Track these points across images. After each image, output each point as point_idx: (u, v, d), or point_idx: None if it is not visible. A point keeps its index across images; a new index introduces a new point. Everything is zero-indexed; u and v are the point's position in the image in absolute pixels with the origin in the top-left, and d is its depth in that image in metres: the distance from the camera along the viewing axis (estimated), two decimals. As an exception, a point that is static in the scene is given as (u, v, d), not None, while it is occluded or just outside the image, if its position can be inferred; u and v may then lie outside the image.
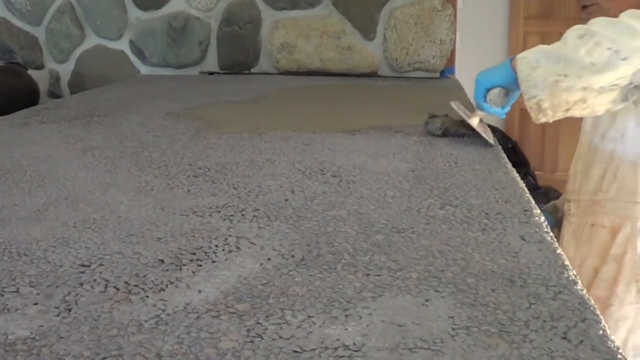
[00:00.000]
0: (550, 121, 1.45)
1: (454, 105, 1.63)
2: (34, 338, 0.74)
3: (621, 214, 1.61)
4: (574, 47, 1.38)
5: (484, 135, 1.59)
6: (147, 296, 0.83)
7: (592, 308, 0.78)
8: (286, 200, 1.20)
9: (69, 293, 0.85)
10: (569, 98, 1.39)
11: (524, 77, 1.42)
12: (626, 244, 1.60)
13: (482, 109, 1.57)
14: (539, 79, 1.40)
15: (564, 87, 1.38)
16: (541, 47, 1.47)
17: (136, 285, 0.87)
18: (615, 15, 1.52)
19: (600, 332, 0.72)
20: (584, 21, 1.68)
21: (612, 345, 0.70)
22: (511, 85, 1.50)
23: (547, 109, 1.41)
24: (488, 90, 1.54)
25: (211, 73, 3.20)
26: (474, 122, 1.59)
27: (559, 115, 1.43)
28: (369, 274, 0.88)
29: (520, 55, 1.47)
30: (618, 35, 1.36)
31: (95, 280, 0.88)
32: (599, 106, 1.41)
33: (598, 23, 1.41)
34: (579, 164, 1.78)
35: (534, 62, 1.42)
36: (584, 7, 1.68)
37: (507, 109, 1.57)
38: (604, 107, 1.42)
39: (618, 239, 1.62)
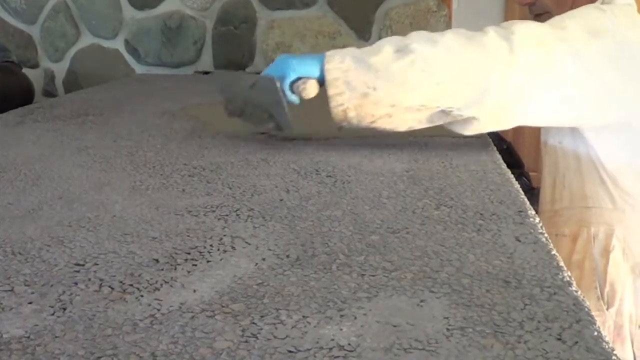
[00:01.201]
0: (353, 128, 1.43)
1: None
2: (28, 337, 0.73)
3: (577, 220, 1.56)
4: (388, 60, 1.34)
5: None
6: (142, 295, 0.83)
7: (586, 309, 0.78)
8: (281, 200, 1.20)
9: (64, 292, 0.85)
10: (376, 112, 1.37)
11: (332, 82, 1.38)
12: (584, 250, 1.56)
13: (283, 95, 1.48)
14: (348, 87, 1.36)
15: (372, 101, 1.35)
16: (352, 49, 1.42)
17: (131, 285, 0.86)
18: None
19: (595, 333, 0.73)
20: None
21: (606, 347, 0.70)
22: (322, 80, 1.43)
23: (352, 118, 1.39)
24: (298, 78, 1.46)
25: (206, 72, 3.20)
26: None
27: (364, 126, 1.41)
28: (364, 274, 0.88)
29: (329, 54, 1.42)
30: (435, 57, 1.33)
31: (90, 279, 0.88)
32: (403, 122, 1.39)
33: (418, 39, 1.36)
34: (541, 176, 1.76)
35: (344, 66, 1.38)
36: (536, 15, 1.63)
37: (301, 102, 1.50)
38: (408, 125, 1.40)
39: (577, 246, 1.59)
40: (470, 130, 1.40)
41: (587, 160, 1.52)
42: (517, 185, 1.28)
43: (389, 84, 1.33)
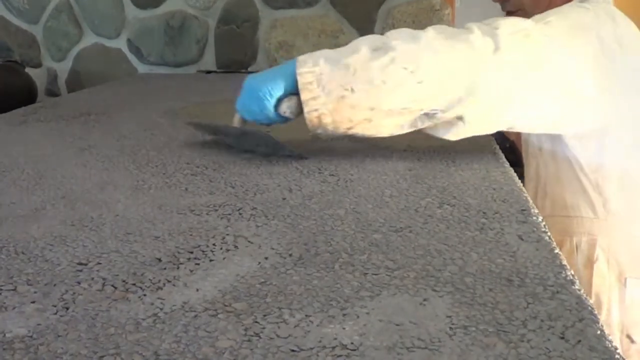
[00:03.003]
0: (329, 139, 1.37)
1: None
2: (31, 336, 0.74)
3: (560, 229, 1.50)
4: (366, 59, 1.26)
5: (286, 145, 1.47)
6: (145, 295, 0.83)
7: (589, 308, 0.78)
8: (284, 199, 1.20)
9: (67, 291, 0.85)
10: (354, 116, 1.29)
11: (305, 86, 1.29)
12: (569, 260, 1.53)
13: (268, 120, 1.40)
14: (323, 91, 1.28)
15: (349, 104, 1.27)
16: (327, 52, 1.34)
17: (134, 284, 0.86)
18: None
19: (598, 332, 0.73)
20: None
21: (609, 345, 0.70)
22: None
23: (327, 125, 1.31)
24: (280, 99, 1.36)
25: (209, 72, 3.20)
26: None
27: (340, 132, 1.33)
28: (366, 273, 0.88)
29: (301, 59, 1.33)
30: (417, 54, 1.25)
31: (92, 278, 0.88)
32: (384, 128, 1.31)
33: (398, 36, 1.29)
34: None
35: (317, 69, 1.29)
36: (509, 12, 1.58)
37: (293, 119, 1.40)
38: (389, 130, 1.32)
39: (561, 256, 1.56)
40: (454, 135, 1.33)
41: (568, 168, 1.48)
42: (520, 184, 1.27)
43: (367, 84, 1.25)
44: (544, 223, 1.06)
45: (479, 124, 1.31)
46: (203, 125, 1.70)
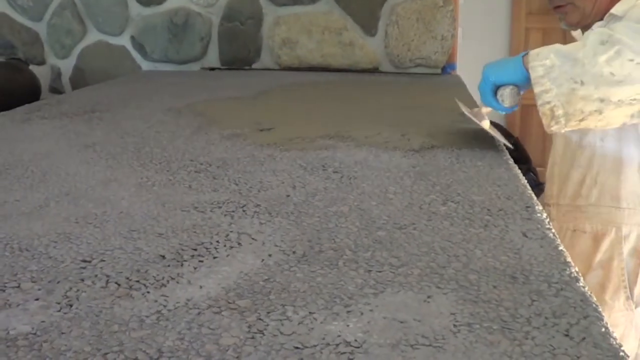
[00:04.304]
0: (562, 131, 1.39)
1: (462, 107, 1.57)
2: (35, 333, 0.74)
3: (603, 219, 1.56)
4: (593, 52, 1.31)
5: (497, 136, 1.55)
6: (149, 292, 0.83)
7: (594, 305, 0.78)
8: (287, 196, 1.20)
9: (70, 288, 0.85)
10: (585, 108, 1.32)
11: (537, 80, 1.35)
12: (612, 250, 1.55)
13: (491, 105, 1.49)
14: (554, 83, 1.33)
15: (580, 96, 1.31)
16: (557, 46, 1.39)
17: (137, 281, 0.86)
18: (590, 14, 1.48)
19: (603, 329, 0.72)
20: (560, 21, 1.64)
21: (614, 343, 0.69)
22: (524, 84, 1.42)
23: (560, 117, 1.35)
24: (498, 86, 1.46)
25: (212, 69, 3.20)
26: (486, 124, 1.54)
27: (573, 125, 1.37)
28: (370, 270, 0.88)
29: (533, 52, 1.38)
30: None
31: (96, 275, 0.88)
32: (614, 119, 1.35)
33: (623, 29, 1.32)
34: (555, 169, 1.73)
35: (548, 63, 1.34)
36: (557, 7, 1.60)
37: (516, 107, 1.48)
38: (620, 121, 1.36)
39: (603, 246, 1.57)
40: None
41: (631, 163, 1.53)
42: (524, 181, 1.27)
43: (597, 77, 1.30)
44: (548, 220, 1.06)
45: None
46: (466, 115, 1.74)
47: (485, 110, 1.54)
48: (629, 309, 1.53)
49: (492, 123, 1.66)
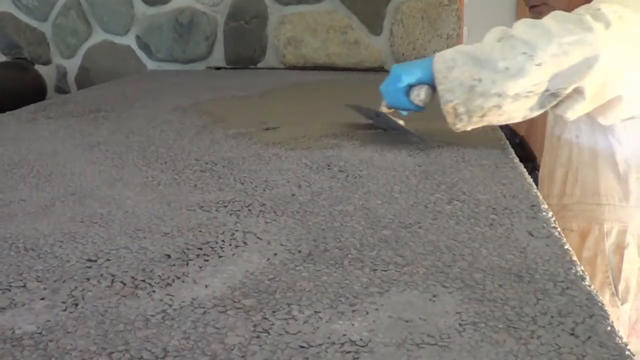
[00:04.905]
0: (468, 129, 1.40)
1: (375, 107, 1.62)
2: (40, 333, 0.74)
3: (587, 216, 1.54)
4: (490, 49, 1.34)
5: (412, 131, 1.59)
6: (154, 291, 0.83)
7: (599, 304, 0.78)
8: (293, 195, 1.20)
9: (76, 288, 0.85)
10: (484, 104, 1.33)
11: (440, 79, 1.37)
12: (596, 247, 1.54)
13: (402, 105, 1.51)
14: (455, 82, 1.35)
15: (479, 92, 1.33)
16: (459, 47, 1.42)
17: (143, 280, 0.86)
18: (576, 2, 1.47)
19: (608, 328, 0.72)
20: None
21: (619, 342, 0.69)
22: (434, 85, 1.42)
23: (462, 114, 1.36)
24: (411, 86, 1.47)
25: (218, 68, 3.20)
26: (402, 122, 1.59)
27: (475, 121, 1.37)
28: (376, 269, 0.88)
29: (438, 54, 1.41)
30: (535, 38, 1.30)
31: (102, 275, 0.88)
32: (515, 112, 1.35)
33: (520, 24, 1.35)
34: (545, 169, 1.73)
35: (450, 63, 1.37)
36: (532, 7, 1.60)
37: (424, 108, 1.49)
38: (521, 114, 1.36)
39: (587, 243, 1.56)
40: (574, 112, 1.36)
41: (606, 156, 1.51)
42: (529, 179, 1.27)
43: (492, 73, 1.31)
44: (554, 219, 1.06)
45: (595, 98, 1.35)
46: (362, 108, 1.79)
47: (387, 110, 1.58)
48: (614, 306, 1.52)
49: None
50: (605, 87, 1.32)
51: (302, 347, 0.70)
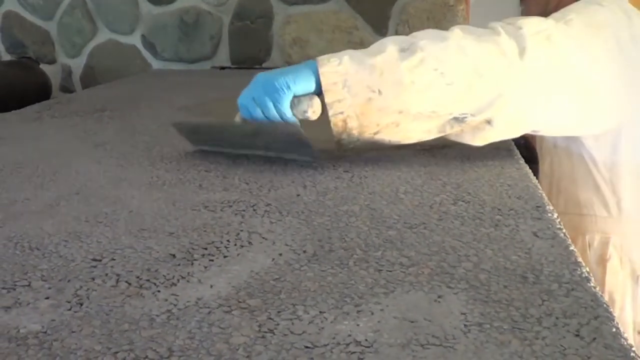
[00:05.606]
0: (352, 145, 1.29)
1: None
2: (45, 332, 0.74)
3: (572, 226, 1.49)
4: (393, 59, 1.20)
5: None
6: (159, 291, 0.83)
7: (605, 305, 0.78)
8: (298, 195, 1.20)
9: (81, 287, 0.85)
10: (381, 120, 1.22)
11: (329, 87, 1.21)
12: (581, 257, 1.53)
13: (284, 118, 1.28)
14: (349, 92, 1.20)
15: (377, 107, 1.20)
16: (350, 51, 1.24)
17: (148, 280, 0.87)
18: (551, 10, 1.38)
19: (614, 329, 0.72)
20: (521, 14, 1.60)
21: (625, 343, 0.69)
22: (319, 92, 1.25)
23: (353, 129, 1.24)
24: (296, 96, 1.26)
25: (223, 68, 3.20)
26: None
27: (366, 137, 1.26)
28: (381, 270, 0.88)
29: (323, 58, 1.23)
30: (446, 55, 1.19)
31: (106, 274, 0.88)
32: (411, 132, 1.25)
33: (425, 36, 1.23)
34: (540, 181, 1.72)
35: (341, 69, 1.20)
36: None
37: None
38: (417, 136, 1.27)
39: (577, 253, 1.55)
40: (481, 139, 1.30)
41: (582, 166, 1.48)
42: (535, 180, 1.27)
43: (396, 86, 1.19)
44: (559, 220, 1.06)
45: (506, 128, 1.28)
46: (189, 127, 1.54)
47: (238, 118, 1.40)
48: None
49: None
50: (519, 115, 1.26)
51: (307, 347, 0.70)
